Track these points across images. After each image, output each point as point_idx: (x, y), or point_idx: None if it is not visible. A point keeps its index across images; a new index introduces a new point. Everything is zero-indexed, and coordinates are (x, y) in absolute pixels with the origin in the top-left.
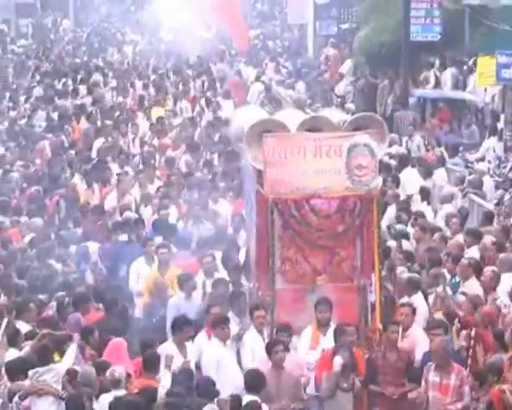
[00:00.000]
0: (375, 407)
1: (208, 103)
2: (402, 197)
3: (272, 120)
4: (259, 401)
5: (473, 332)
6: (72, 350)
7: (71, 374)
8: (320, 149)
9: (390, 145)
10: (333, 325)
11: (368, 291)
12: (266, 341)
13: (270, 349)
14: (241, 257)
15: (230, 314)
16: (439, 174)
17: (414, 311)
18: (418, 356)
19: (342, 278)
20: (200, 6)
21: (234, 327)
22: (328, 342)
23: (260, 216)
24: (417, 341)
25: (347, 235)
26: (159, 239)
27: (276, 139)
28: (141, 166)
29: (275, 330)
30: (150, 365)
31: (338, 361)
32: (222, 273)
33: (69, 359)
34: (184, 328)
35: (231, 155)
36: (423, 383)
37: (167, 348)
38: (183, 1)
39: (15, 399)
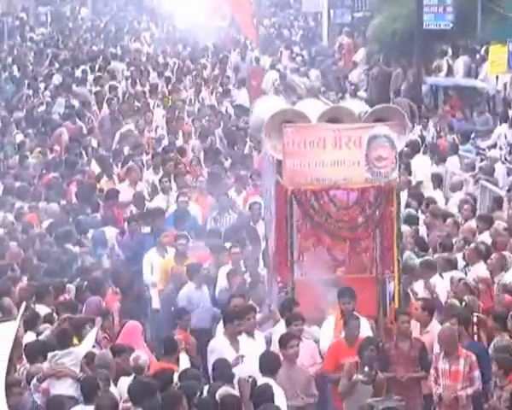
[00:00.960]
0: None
1: (226, 92)
2: (413, 184)
3: (292, 111)
4: (272, 383)
5: (475, 319)
6: (92, 334)
7: (89, 357)
8: (340, 140)
9: None
10: (355, 315)
11: (387, 282)
12: None
13: (284, 343)
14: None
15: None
16: (452, 161)
17: (432, 309)
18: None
19: (361, 269)
20: None
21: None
22: None
23: (279, 207)
24: (436, 336)
25: (367, 226)
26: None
27: (296, 130)
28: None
29: (287, 319)
30: (169, 349)
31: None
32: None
33: (89, 342)
34: (235, 321)
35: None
36: (433, 371)
37: (218, 343)
38: None
39: (34, 381)
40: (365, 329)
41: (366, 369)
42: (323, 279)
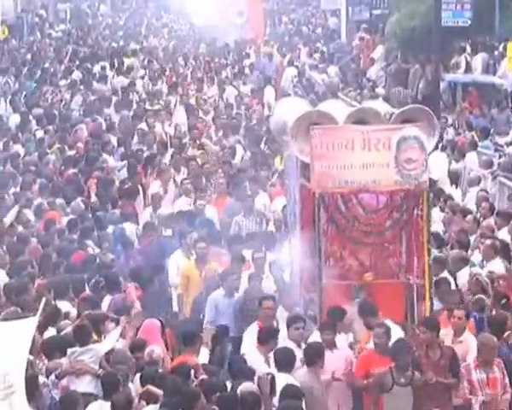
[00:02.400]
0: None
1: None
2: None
3: (319, 112)
4: (292, 380)
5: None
6: (115, 333)
7: (108, 353)
8: (368, 142)
9: None
10: (388, 322)
11: (414, 287)
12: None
13: (290, 324)
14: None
15: (280, 308)
16: (471, 158)
17: (468, 315)
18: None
19: (388, 274)
20: None
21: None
22: None
23: (305, 211)
24: (470, 347)
25: (394, 230)
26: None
27: (324, 132)
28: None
29: (318, 328)
30: (190, 341)
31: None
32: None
33: (111, 341)
34: (271, 341)
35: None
36: (466, 384)
37: (253, 358)
38: None
39: (52, 377)
40: (397, 335)
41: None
42: (350, 285)
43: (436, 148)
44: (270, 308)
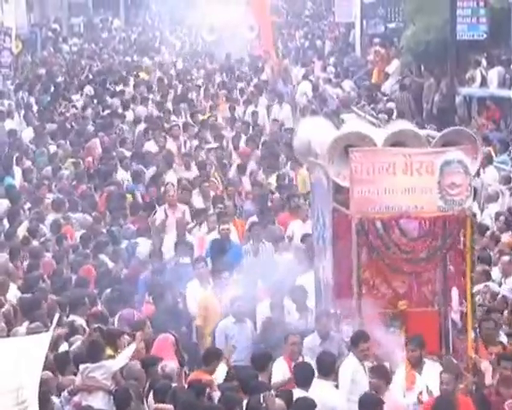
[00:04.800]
0: None
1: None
2: None
3: (357, 134)
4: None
5: None
6: (130, 349)
7: (123, 368)
8: (411, 166)
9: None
10: (428, 362)
11: (449, 317)
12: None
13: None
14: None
15: (314, 335)
16: (488, 173)
17: None
18: None
19: (423, 302)
20: (243, 7)
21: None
22: (424, 381)
23: (340, 237)
24: None
25: (436, 258)
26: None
27: (364, 154)
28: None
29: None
30: (208, 360)
31: None
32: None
33: (124, 357)
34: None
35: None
36: None
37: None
38: (225, 1)
39: (64, 393)
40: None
41: None
42: (386, 313)
43: None
44: (296, 344)
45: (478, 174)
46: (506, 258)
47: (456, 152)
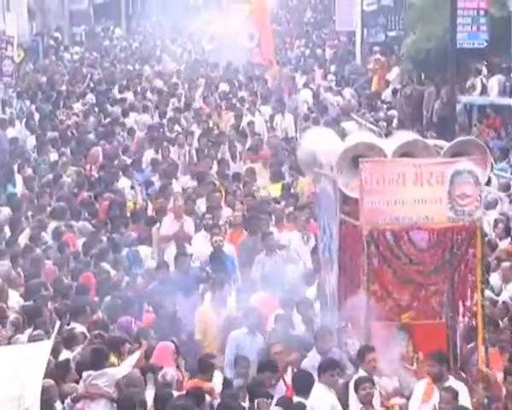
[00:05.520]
0: None
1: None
2: None
3: (366, 144)
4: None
5: None
6: (133, 358)
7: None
8: (421, 176)
9: None
10: (451, 378)
11: (457, 328)
12: None
13: (324, 370)
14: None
15: (313, 353)
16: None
17: None
18: None
19: (430, 314)
20: (243, 16)
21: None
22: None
23: (347, 248)
24: None
25: (448, 270)
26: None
27: (374, 165)
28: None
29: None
30: (204, 368)
31: None
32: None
33: (128, 366)
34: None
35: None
36: None
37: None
38: (225, 10)
39: (67, 401)
40: (462, 396)
41: None
42: (393, 325)
43: None
44: (279, 354)
45: (488, 183)
46: (506, 264)
47: (467, 162)
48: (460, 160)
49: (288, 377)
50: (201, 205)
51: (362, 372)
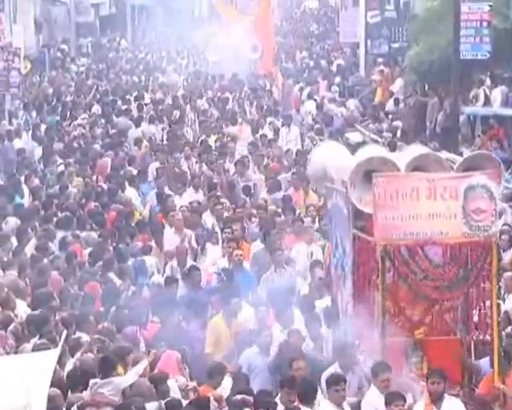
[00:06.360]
0: None
1: (274, 128)
2: None
3: (379, 159)
4: None
5: None
6: (140, 367)
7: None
8: (434, 191)
9: None
10: (447, 397)
11: (471, 345)
12: None
13: (329, 385)
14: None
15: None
16: None
17: None
18: None
19: (444, 330)
20: (246, 27)
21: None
22: None
23: (361, 264)
24: None
25: (461, 286)
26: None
27: (388, 180)
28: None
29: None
30: (212, 374)
31: None
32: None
33: (134, 375)
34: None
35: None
36: None
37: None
38: (229, 22)
39: (73, 408)
40: None
41: None
42: (407, 342)
43: None
44: (302, 369)
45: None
46: (509, 274)
47: (480, 177)
48: (473, 174)
49: None
50: (207, 218)
51: (374, 389)
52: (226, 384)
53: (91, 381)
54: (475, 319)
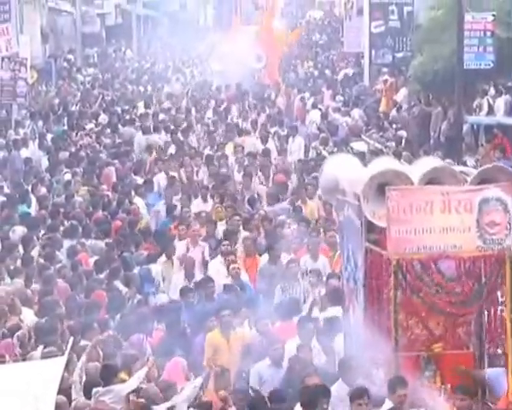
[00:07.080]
0: None
1: (279, 138)
2: None
3: (393, 172)
4: None
5: None
6: (141, 373)
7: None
8: (449, 204)
9: None
10: None
11: (485, 359)
12: None
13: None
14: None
15: (340, 383)
16: None
17: None
18: None
19: (457, 344)
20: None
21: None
22: None
23: (373, 278)
24: None
25: (476, 300)
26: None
27: (401, 193)
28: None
29: None
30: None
31: None
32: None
33: (134, 382)
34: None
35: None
36: None
37: None
38: (234, 32)
39: None
40: None
41: None
42: (420, 356)
43: None
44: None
45: None
46: None
47: (494, 189)
48: (488, 187)
49: None
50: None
51: (389, 404)
52: None
53: (94, 389)
54: (489, 333)
